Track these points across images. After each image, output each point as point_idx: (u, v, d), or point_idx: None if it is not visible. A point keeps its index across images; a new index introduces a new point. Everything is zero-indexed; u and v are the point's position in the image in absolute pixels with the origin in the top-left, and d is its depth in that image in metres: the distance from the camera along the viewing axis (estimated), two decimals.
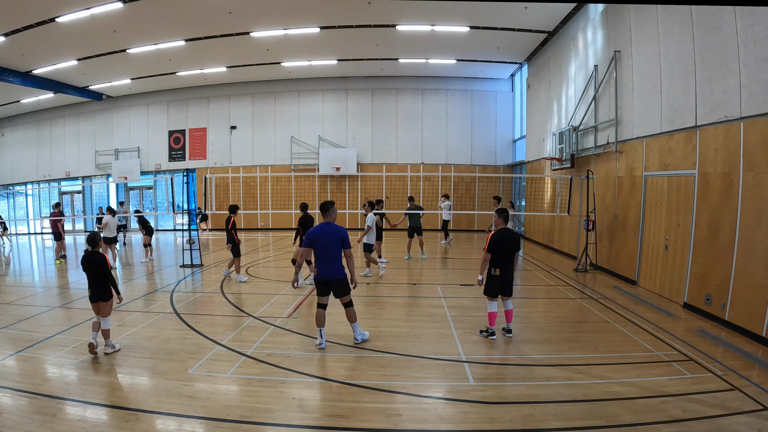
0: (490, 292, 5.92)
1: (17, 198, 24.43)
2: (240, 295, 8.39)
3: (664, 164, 8.12)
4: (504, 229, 5.91)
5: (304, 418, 3.93)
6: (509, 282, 5.92)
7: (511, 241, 5.84)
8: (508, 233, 5.87)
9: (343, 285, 5.53)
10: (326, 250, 5.42)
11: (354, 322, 5.71)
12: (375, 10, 12.89)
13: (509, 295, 5.98)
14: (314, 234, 5.50)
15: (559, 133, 12.74)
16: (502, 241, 5.79)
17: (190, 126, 21.52)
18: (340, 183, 20.50)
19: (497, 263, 5.84)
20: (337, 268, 5.47)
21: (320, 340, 5.58)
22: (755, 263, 5.80)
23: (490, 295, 5.94)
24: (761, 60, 5.73)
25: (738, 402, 4.14)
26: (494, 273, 5.86)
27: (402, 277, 10.11)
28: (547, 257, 12.87)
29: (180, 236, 18.54)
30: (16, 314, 7.15)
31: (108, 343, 5.44)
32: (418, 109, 20.30)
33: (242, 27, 13.97)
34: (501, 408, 4.09)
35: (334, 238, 5.41)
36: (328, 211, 5.59)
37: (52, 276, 10.89)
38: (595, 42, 11.17)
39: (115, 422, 3.85)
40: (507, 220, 5.99)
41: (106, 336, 5.43)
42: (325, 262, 5.44)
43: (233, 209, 9.97)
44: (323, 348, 5.54)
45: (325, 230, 5.45)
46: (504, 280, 5.86)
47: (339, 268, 5.49)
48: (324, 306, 5.61)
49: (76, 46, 14.67)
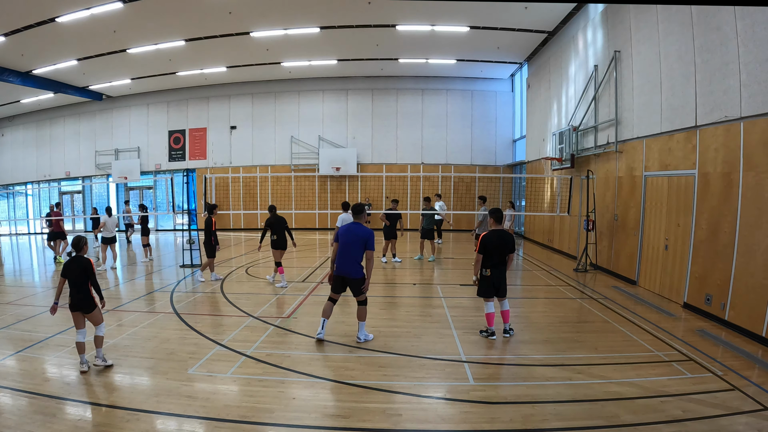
0: (484, 293, 5.94)
1: (17, 198, 24.42)
2: (240, 295, 8.39)
3: (664, 164, 8.12)
4: (496, 230, 5.87)
5: (304, 418, 3.93)
6: (501, 282, 5.88)
7: (505, 241, 5.80)
8: (501, 234, 5.83)
9: (360, 284, 5.72)
10: (349, 249, 5.65)
11: (362, 321, 5.84)
12: (375, 10, 12.89)
13: (503, 295, 5.96)
14: (342, 231, 5.79)
15: (559, 133, 12.75)
16: (495, 242, 5.76)
17: (190, 126, 21.53)
18: (340, 183, 20.50)
19: (488, 264, 5.83)
20: (356, 267, 5.67)
21: (321, 331, 5.79)
22: (755, 263, 5.80)
23: (484, 296, 5.96)
24: (761, 60, 5.73)
25: (738, 402, 4.14)
26: (485, 273, 5.85)
27: (402, 276, 10.10)
28: (547, 257, 12.87)
29: (180, 236, 18.54)
30: (16, 314, 7.15)
31: (99, 354, 4.95)
32: (418, 109, 20.30)
33: (242, 27, 13.98)
34: (501, 408, 4.09)
35: (359, 238, 5.65)
36: (360, 214, 5.90)
37: (52, 276, 10.89)
38: (595, 42, 11.17)
39: (115, 422, 3.85)
40: (499, 220, 5.95)
41: (98, 344, 4.97)
42: (345, 259, 5.67)
43: (211, 209, 9.38)
44: (321, 338, 5.74)
45: (353, 230, 5.73)
46: (496, 280, 5.83)
47: (357, 268, 5.68)
48: (334, 301, 5.87)
49: (76, 46, 14.68)
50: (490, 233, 5.83)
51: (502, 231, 5.89)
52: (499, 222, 5.95)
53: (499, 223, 5.94)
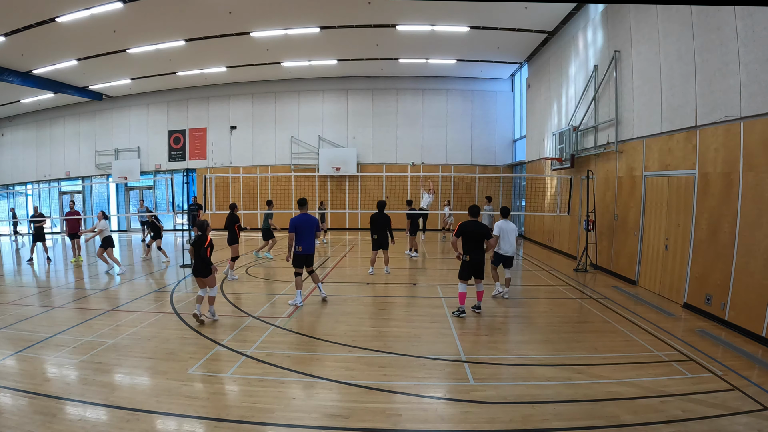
0: (461, 276, 6.99)
1: (17, 198, 24.42)
2: (240, 295, 8.39)
3: (664, 164, 8.12)
4: (472, 220, 6.97)
5: (304, 418, 3.93)
6: (479, 266, 6.92)
7: (479, 229, 6.87)
8: (476, 223, 6.93)
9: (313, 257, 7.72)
10: (308, 233, 7.46)
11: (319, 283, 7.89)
12: (375, 10, 12.89)
13: (481, 278, 7.06)
14: (297, 221, 7.40)
15: (559, 133, 12.75)
16: (470, 229, 6.84)
17: (190, 126, 21.53)
18: (340, 183, 20.50)
19: (467, 250, 6.86)
20: (313, 244, 7.62)
21: (299, 300, 7.46)
22: (755, 263, 5.80)
23: (461, 278, 6.99)
24: (761, 60, 5.73)
25: (738, 402, 4.14)
26: (465, 259, 6.87)
27: (402, 277, 10.10)
28: (547, 257, 12.87)
29: (180, 236, 18.52)
30: (16, 314, 7.15)
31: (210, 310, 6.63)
32: (418, 109, 20.30)
33: (242, 27, 13.97)
34: (501, 408, 4.08)
35: (312, 224, 7.50)
36: (305, 206, 7.63)
37: (53, 275, 10.89)
38: (595, 42, 11.17)
39: (115, 422, 3.85)
40: (474, 215, 7.02)
41: (211, 302, 6.64)
42: (305, 241, 7.45)
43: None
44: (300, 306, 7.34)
45: (305, 219, 7.47)
46: (474, 264, 6.85)
47: (314, 245, 7.64)
48: (301, 274, 7.58)
49: (76, 46, 14.68)
50: (468, 221, 6.94)
51: (477, 221, 6.97)
52: (473, 216, 7.03)
53: (473, 216, 7.02)
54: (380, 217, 10.03)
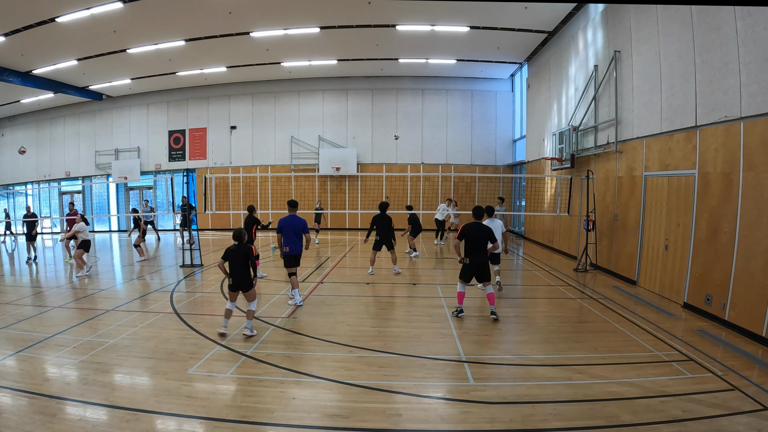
0: (461, 277, 6.90)
1: (17, 198, 24.41)
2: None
3: (664, 164, 8.12)
4: (475, 223, 6.78)
5: (304, 418, 3.93)
6: (482, 268, 6.74)
7: (481, 232, 6.66)
8: (478, 225, 6.73)
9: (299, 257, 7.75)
10: (294, 234, 7.53)
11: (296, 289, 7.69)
12: (375, 11, 12.89)
13: (486, 280, 6.81)
14: (284, 223, 7.52)
15: (559, 133, 12.74)
16: (472, 231, 6.66)
17: (190, 126, 21.53)
18: (340, 183, 20.50)
19: (467, 252, 6.72)
20: (300, 245, 7.66)
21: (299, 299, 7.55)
22: (755, 263, 5.80)
23: (461, 279, 6.91)
24: (761, 60, 5.73)
25: (738, 402, 4.14)
26: (465, 261, 6.77)
27: (402, 277, 10.10)
28: (547, 257, 12.87)
29: (180, 236, 18.52)
30: (16, 314, 7.15)
31: (248, 325, 6.04)
32: (418, 109, 20.30)
33: (242, 27, 13.97)
34: (501, 408, 4.08)
35: (299, 226, 7.55)
36: (294, 207, 7.73)
37: (52, 276, 10.89)
38: (595, 42, 11.17)
39: (115, 422, 3.85)
40: (478, 217, 6.90)
41: (250, 317, 6.07)
42: (293, 242, 7.53)
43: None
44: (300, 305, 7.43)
45: (291, 220, 7.55)
46: (476, 267, 6.69)
47: (301, 246, 7.67)
48: (295, 273, 7.69)
49: (76, 46, 14.68)
50: (470, 224, 6.75)
51: (480, 223, 6.78)
52: (476, 217, 6.89)
53: (477, 218, 6.88)
54: (382, 218, 10.07)
